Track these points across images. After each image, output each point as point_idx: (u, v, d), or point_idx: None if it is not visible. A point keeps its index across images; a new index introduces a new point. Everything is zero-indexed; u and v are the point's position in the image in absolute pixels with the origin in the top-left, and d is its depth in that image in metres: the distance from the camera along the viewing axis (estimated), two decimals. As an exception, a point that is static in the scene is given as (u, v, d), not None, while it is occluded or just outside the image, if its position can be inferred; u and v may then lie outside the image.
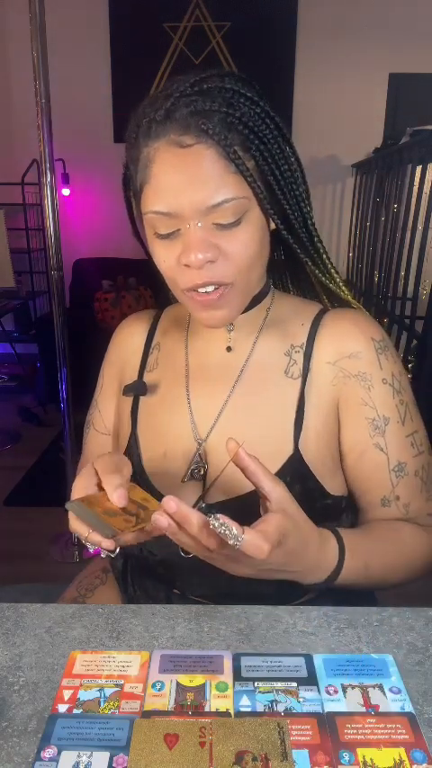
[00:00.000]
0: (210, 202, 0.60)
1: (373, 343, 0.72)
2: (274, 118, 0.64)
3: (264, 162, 0.63)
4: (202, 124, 0.58)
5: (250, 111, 0.61)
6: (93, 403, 0.88)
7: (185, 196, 0.60)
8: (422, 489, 0.72)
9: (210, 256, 0.62)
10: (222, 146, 0.59)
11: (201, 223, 0.61)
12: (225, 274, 0.64)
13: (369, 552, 0.67)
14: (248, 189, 0.62)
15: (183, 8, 3.42)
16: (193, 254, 0.61)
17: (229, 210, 0.61)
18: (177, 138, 0.60)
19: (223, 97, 0.60)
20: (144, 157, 0.62)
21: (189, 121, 0.59)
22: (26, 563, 2.01)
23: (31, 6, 1.55)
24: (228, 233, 0.62)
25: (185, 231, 0.62)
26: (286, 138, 0.66)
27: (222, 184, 0.60)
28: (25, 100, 3.28)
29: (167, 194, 0.61)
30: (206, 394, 0.74)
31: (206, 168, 0.59)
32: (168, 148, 0.60)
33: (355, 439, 0.72)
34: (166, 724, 0.49)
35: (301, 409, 0.71)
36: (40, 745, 0.47)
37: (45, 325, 2.75)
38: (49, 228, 1.75)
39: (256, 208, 0.64)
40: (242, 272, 0.65)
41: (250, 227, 0.63)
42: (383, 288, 2.76)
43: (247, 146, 0.61)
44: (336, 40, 3.40)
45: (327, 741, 0.47)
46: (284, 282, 0.83)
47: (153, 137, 0.61)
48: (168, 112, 0.59)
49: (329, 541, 0.64)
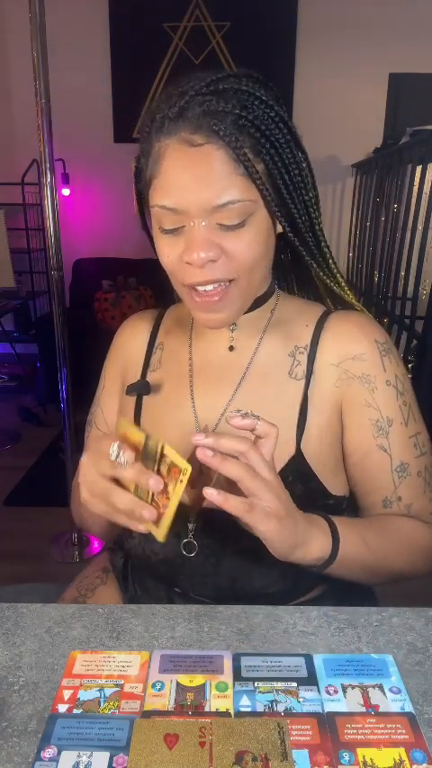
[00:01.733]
0: (215, 202, 0.60)
1: (377, 346, 0.72)
2: (288, 122, 0.64)
3: (274, 166, 0.63)
4: (214, 125, 0.59)
5: (264, 115, 0.61)
6: (94, 402, 0.88)
7: (192, 194, 0.60)
8: (425, 490, 0.72)
9: (212, 255, 0.62)
10: (232, 147, 0.59)
11: (205, 222, 0.62)
12: (227, 271, 0.64)
13: (362, 526, 0.68)
14: (256, 192, 0.62)
15: (183, 8, 3.42)
16: (195, 253, 0.61)
17: (235, 212, 0.61)
18: (188, 136, 0.60)
19: (238, 99, 0.60)
20: (155, 152, 0.63)
21: (201, 121, 0.59)
22: (26, 563, 2.00)
23: (31, 6, 1.55)
24: (231, 234, 0.63)
25: (189, 229, 0.62)
26: (299, 144, 0.66)
27: (229, 185, 0.60)
28: (25, 100, 3.28)
29: (175, 191, 0.61)
30: (210, 394, 0.75)
31: (214, 168, 0.60)
32: (179, 146, 0.61)
33: (357, 440, 0.72)
34: (166, 724, 0.49)
35: (304, 410, 0.71)
36: (40, 745, 0.47)
37: (45, 325, 2.75)
38: (49, 228, 1.75)
39: (263, 210, 0.64)
40: (245, 269, 0.65)
41: (254, 230, 0.64)
42: (383, 288, 2.76)
43: (257, 149, 0.61)
44: (336, 40, 3.40)
45: (327, 741, 0.47)
46: (290, 285, 0.84)
47: (165, 133, 0.62)
48: (182, 110, 0.60)
49: (316, 517, 0.64)
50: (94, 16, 3.48)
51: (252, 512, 0.54)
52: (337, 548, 0.63)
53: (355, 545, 0.65)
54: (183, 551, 0.72)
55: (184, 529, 0.72)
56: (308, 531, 0.61)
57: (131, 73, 3.53)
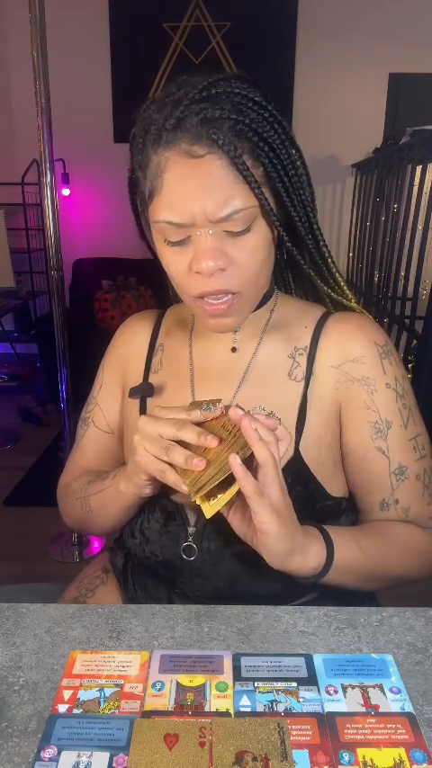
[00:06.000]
0: (221, 213, 0.60)
1: (377, 348, 0.72)
2: (282, 121, 0.64)
3: (272, 169, 0.63)
4: (213, 133, 0.58)
5: (259, 117, 0.61)
6: (90, 400, 0.87)
7: (197, 207, 0.60)
8: (423, 493, 0.72)
9: (221, 264, 0.62)
10: (232, 157, 0.59)
11: (212, 231, 0.62)
12: (234, 283, 0.64)
13: (356, 532, 0.69)
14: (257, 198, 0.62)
15: (183, 8, 3.42)
16: (204, 262, 0.61)
17: (240, 219, 0.61)
18: (189, 147, 0.59)
19: (232, 103, 0.60)
20: (154, 166, 0.62)
21: (200, 131, 0.59)
22: (26, 563, 2.00)
23: (31, 6, 1.55)
24: (238, 240, 0.63)
25: (196, 238, 0.62)
26: (292, 141, 0.66)
27: (233, 195, 0.60)
28: (25, 100, 3.28)
29: (179, 205, 0.61)
30: (210, 395, 0.74)
31: (217, 179, 0.60)
32: (179, 159, 0.60)
33: (356, 442, 0.72)
34: (166, 724, 0.49)
35: (303, 411, 0.71)
36: (40, 746, 0.47)
37: (45, 325, 2.75)
38: (49, 228, 1.75)
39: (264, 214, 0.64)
40: (250, 280, 0.65)
41: (259, 233, 0.64)
42: (383, 288, 2.76)
43: (256, 152, 0.61)
44: (336, 40, 3.40)
45: (327, 741, 0.47)
46: (286, 282, 0.83)
47: (163, 145, 0.60)
48: (179, 121, 0.59)
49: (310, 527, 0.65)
50: (94, 16, 3.48)
51: (261, 498, 0.56)
52: (332, 554, 0.64)
53: (351, 550, 0.66)
54: (183, 555, 0.72)
55: (184, 533, 0.72)
56: (306, 539, 0.62)
57: (131, 73, 3.53)
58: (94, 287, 3.37)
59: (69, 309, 3.12)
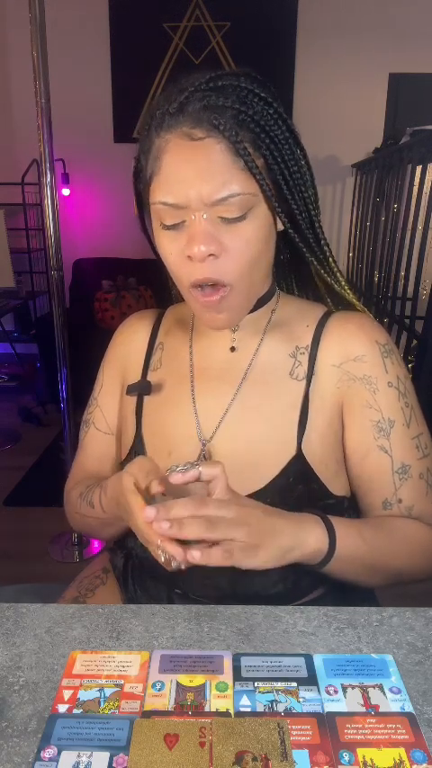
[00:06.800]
0: (216, 196, 0.60)
1: (378, 347, 0.72)
2: (287, 120, 0.64)
3: (273, 161, 0.63)
4: (214, 119, 0.59)
5: (263, 111, 0.62)
6: (91, 402, 0.88)
7: (193, 188, 0.60)
8: (427, 492, 0.72)
9: (213, 249, 0.62)
10: (232, 141, 0.60)
11: (206, 215, 0.62)
12: (226, 272, 0.64)
13: (359, 523, 0.69)
14: (256, 186, 0.62)
15: (183, 8, 3.42)
16: (196, 246, 0.61)
17: (236, 205, 0.61)
18: (189, 130, 0.60)
19: (237, 95, 0.61)
20: (155, 148, 0.63)
21: (201, 116, 0.60)
22: (26, 563, 2.00)
23: (31, 6, 1.55)
24: (233, 227, 0.63)
25: (191, 223, 0.62)
26: (297, 141, 0.66)
27: (230, 179, 0.60)
28: (25, 100, 3.28)
29: (176, 185, 0.61)
30: (211, 394, 0.75)
31: (215, 162, 0.60)
32: (179, 140, 0.61)
33: (358, 441, 0.72)
34: (166, 724, 0.49)
35: (305, 411, 0.71)
36: (40, 746, 0.47)
37: (45, 325, 2.75)
38: (49, 228, 1.75)
39: (263, 205, 0.64)
40: (243, 272, 0.65)
41: (255, 224, 0.64)
42: (383, 288, 2.76)
43: (257, 144, 0.62)
44: (336, 40, 3.40)
45: (327, 741, 0.47)
46: (289, 285, 0.84)
47: (165, 128, 0.62)
48: (182, 105, 0.60)
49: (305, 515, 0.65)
50: (94, 16, 3.48)
51: (232, 556, 0.56)
52: (334, 540, 0.64)
53: (353, 539, 0.65)
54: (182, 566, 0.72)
55: None
56: (297, 533, 0.62)
57: (131, 73, 3.53)
58: (94, 287, 3.37)
59: (69, 309, 3.11)
